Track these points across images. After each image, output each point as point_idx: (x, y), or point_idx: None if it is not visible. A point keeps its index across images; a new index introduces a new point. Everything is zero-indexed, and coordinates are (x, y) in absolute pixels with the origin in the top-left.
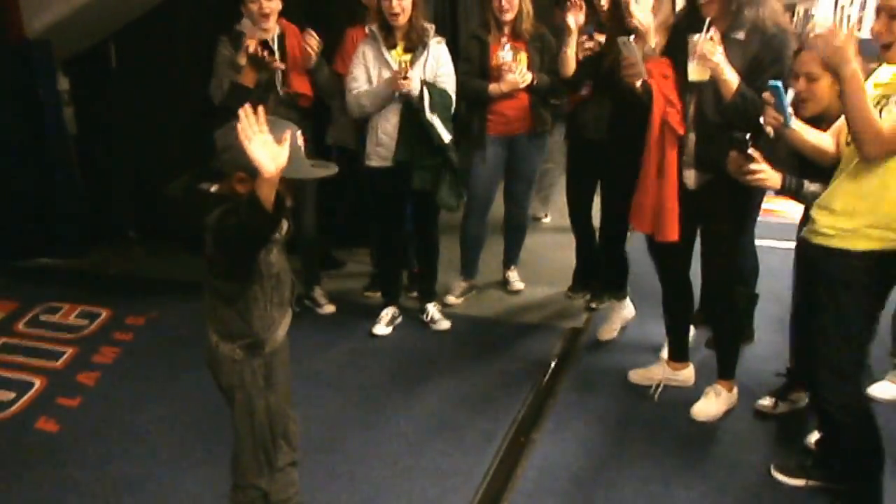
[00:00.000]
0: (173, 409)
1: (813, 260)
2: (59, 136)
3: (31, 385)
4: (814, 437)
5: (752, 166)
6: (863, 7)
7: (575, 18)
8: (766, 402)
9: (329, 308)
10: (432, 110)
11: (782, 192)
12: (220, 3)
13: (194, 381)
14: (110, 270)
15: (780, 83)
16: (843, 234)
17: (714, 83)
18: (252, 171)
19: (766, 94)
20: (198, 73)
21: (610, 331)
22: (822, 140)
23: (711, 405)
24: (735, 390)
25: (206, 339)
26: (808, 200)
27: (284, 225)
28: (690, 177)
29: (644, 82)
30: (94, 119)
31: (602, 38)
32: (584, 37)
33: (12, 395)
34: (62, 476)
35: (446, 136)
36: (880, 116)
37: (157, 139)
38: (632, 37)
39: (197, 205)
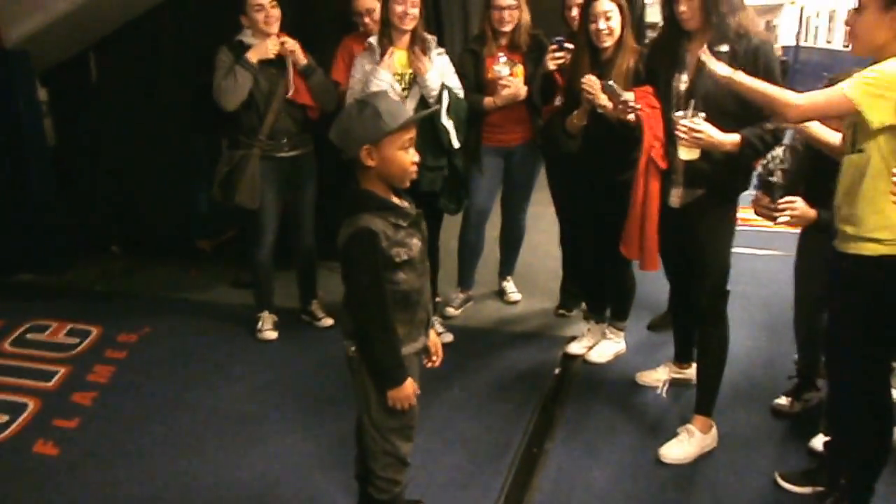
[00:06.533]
0: (177, 429)
1: None
2: (38, 148)
3: (24, 407)
4: (818, 440)
5: (786, 204)
6: (830, 19)
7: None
8: (783, 401)
9: (327, 321)
10: (448, 114)
11: (818, 226)
12: (204, 15)
13: (196, 400)
14: (96, 286)
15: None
16: None
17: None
18: (373, 138)
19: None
20: (182, 85)
21: (599, 356)
22: (832, 135)
23: (682, 448)
24: (713, 431)
25: None
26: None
27: (416, 247)
28: (677, 195)
29: (635, 112)
30: (73, 131)
31: (572, 47)
32: (555, 46)
33: (6, 417)
34: (66, 501)
35: (456, 143)
36: None
37: (139, 151)
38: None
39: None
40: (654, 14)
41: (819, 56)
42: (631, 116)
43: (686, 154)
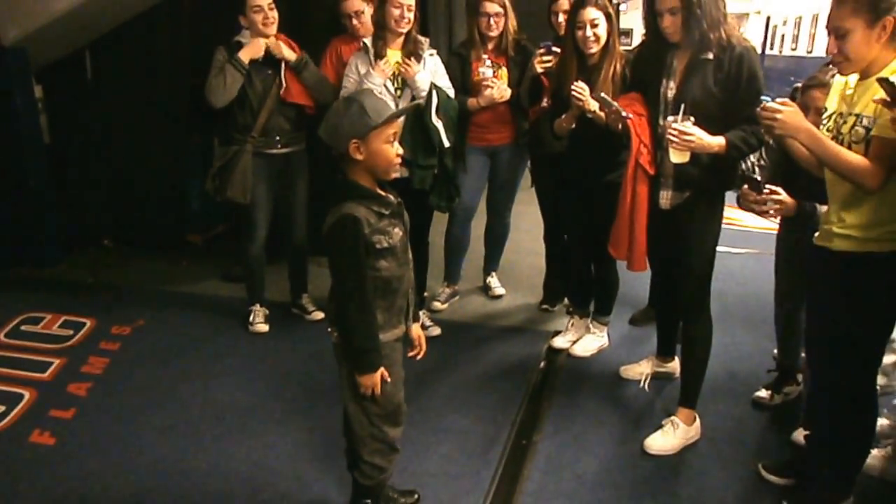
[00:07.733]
0: (172, 419)
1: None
2: (34, 144)
3: (20, 397)
4: (799, 433)
5: (770, 197)
6: (797, 26)
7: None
8: (763, 394)
9: (317, 315)
10: (437, 114)
11: (797, 217)
12: (200, 15)
13: (191, 391)
14: (88, 279)
15: (767, 98)
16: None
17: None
18: (360, 133)
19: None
20: (176, 84)
21: (583, 350)
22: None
23: (667, 439)
24: (697, 423)
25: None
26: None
27: (397, 236)
28: (666, 197)
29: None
30: (67, 128)
31: (559, 51)
32: (542, 50)
33: (2, 408)
34: (64, 491)
35: (446, 141)
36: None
37: (132, 148)
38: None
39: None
40: (624, 21)
41: (785, 63)
42: (620, 125)
43: (676, 157)
